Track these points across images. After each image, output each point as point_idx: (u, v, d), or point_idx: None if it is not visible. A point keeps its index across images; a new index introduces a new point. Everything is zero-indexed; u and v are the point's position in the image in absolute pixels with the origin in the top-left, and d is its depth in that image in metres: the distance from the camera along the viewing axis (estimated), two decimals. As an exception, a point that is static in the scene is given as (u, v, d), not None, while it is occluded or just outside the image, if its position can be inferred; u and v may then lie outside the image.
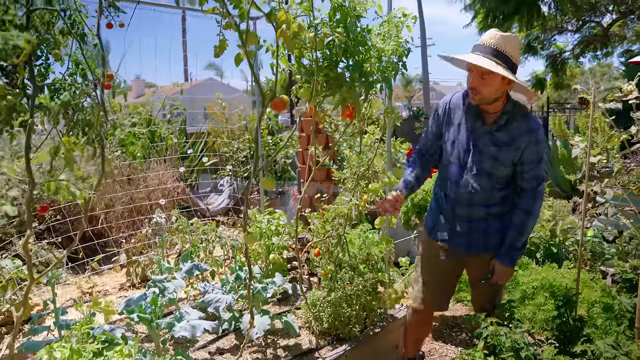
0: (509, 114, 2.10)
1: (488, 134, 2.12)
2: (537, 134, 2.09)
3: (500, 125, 2.10)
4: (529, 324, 3.10)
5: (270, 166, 6.88)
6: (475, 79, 2.04)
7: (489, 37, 2.05)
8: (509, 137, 2.09)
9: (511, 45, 2.03)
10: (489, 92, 2.04)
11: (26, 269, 3.12)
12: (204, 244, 3.76)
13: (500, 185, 2.16)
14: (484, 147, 2.13)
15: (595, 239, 3.85)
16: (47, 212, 3.28)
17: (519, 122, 2.09)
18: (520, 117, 2.10)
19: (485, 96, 2.06)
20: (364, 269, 3.03)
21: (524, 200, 2.15)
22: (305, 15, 1.93)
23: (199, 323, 2.54)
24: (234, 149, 6.73)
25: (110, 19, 2.13)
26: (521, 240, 2.18)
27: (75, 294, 3.94)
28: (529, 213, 2.15)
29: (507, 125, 2.10)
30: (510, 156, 2.10)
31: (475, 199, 2.18)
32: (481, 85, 2.03)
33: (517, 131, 2.08)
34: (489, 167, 2.13)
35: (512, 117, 2.09)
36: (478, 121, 2.15)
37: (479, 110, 2.15)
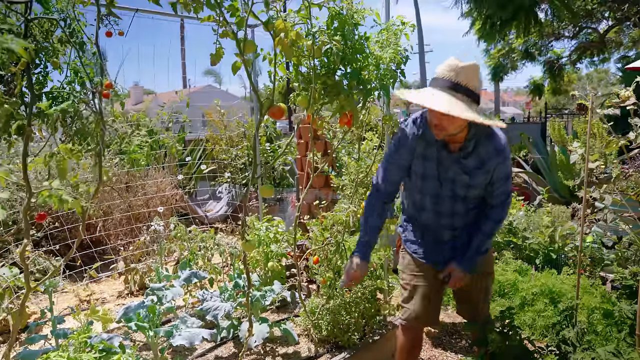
0: (474, 139, 2.02)
1: (456, 163, 2.06)
2: (504, 153, 2.05)
3: (467, 152, 2.04)
4: (529, 330, 3.09)
5: (268, 173, 6.87)
6: (437, 116, 1.91)
7: (446, 69, 1.92)
8: (477, 161, 2.04)
9: (469, 75, 1.90)
10: (453, 127, 1.93)
11: (23, 277, 3.10)
12: (203, 252, 3.75)
13: (473, 205, 2.16)
14: (456, 176, 2.07)
15: (595, 244, 3.84)
16: (45, 219, 3.27)
17: (485, 144, 2.02)
18: (485, 139, 2.03)
19: (450, 131, 1.96)
20: (363, 276, 3.02)
21: (495, 211, 2.15)
22: (303, 23, 1.94)
23: (198, 331, 2.53)
24: (232, 156, 6.73)
25: (110, 27, 2.13)
26: (487, 245, 2.19)
27: (72, 302, 3.92)
28: (499, 221, 2.17)
29: (474, 150, 2.03)
30: (481, 179, 2.07)
31: (449, 224, 2.18)
32: (445, 121, 1.90)
33: (485, 154, 2.02)
34: (462, 192, 2.11)
35: (478, 141, 2.02)
36: (443, 150, 2.06)
37: (443, 141, 2.05)
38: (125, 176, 5.32)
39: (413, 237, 2.31)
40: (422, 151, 2.09)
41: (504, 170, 2.07)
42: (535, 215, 4.50)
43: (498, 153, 2.03)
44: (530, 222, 4.42)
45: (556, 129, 7.22)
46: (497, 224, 2.17)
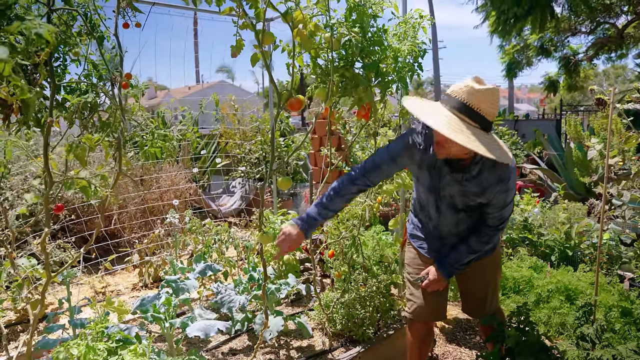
0: (480, 164, 1.93)
1: (457, 183, 2.00)
2: (507, 184, 1.95)
3: (471, 176, 1.95)
4: (544, 327, 3.06)
5: (281, 168, 6.88)
6: (440, 135, 1.78)
7: (462, 88, 1.78)
8: (478, 188, 1.97)
9: (487, 101, 1.77)
10: (456, 150, 1.84)
11: (40, 267, 3.15)
12: (217, 245, 3.77)
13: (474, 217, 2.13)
14: (454, 194, 2.04)
15: (612, 242, 3.79)
16: (62, 211, 3.31)
17: (489, 172, 1.93)
18: (492, 167, 1.92)
19: (453, 154, 1.88)
20: (377, 271, 3.01)
21: (486, 233, 2.10)
22: (322, 15, 1.93)
23: (213, 323, 2.54)
24: (245, 151, 6.75)
25: (127, 19, 2.14)
26: (468, 260, 2.14)
27: (88, 293, 3.97)
28: (487, 243, 2.11)
29: (477, 176, 1.95)
30: (479, 200, 2.03)
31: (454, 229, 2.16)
32: (448, 143, 1.80)
33: (486, 182, 1.94)
34: (461, 205, 2.08)
35: (483, 166, 1.93)
36: (446, 167, 1.99)
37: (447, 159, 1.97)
38: (140, 169, 5.37)
39: (419, 232, 2.32)
40: (427, 162, 2.02)
41: (503, 199, 1.98)
42: (551, 212, 4.45)
43: (500, 181, 1.93)
44: (546, 218, 4.37)
45: (572, 125, 7.12)
46: (485, 245, 2.11)
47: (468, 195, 2.01)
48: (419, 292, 2.28)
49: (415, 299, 2.30)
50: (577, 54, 15.28)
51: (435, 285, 2.15)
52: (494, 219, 2.07)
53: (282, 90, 1.87)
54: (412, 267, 2.33)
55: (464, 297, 2.44)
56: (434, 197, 2.11)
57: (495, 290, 2.36)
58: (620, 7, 12.70)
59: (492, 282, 2.33)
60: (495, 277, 2.35)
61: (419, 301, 2.28)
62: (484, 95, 1.75)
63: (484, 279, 2.29)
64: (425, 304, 2.27)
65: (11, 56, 1.06)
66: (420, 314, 2.29)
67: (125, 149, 5.16)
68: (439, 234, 2.22)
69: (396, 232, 2.93)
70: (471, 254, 2.12)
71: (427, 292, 2.26)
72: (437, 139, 1.83)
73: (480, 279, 2.29)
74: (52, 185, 1.63)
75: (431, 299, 2.26)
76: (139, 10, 2.10)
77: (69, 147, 1.79)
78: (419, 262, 2.31)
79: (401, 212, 2.89)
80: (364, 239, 3.22)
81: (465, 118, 1.75)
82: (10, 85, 1.33)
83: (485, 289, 2.31)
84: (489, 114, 1.78)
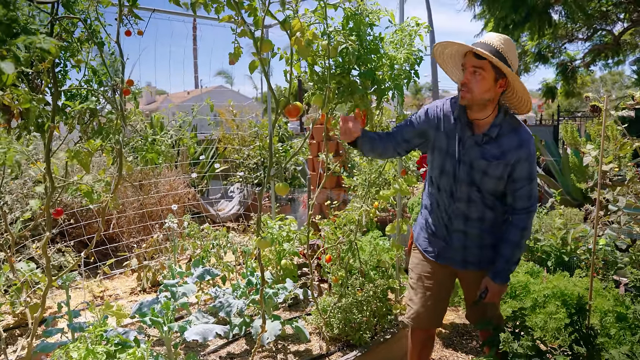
0: (500, 127, 2.01)
1: (477, 146, 2.03)
2: (528, 148, 2.00)
3: (490, 137, 2.01)
4: (540, 332, 3.07)
5: (280, 173, 6.91)
6: (467, 74, 1.96)
7: (490, 38, 1.98)
8: (499, 151, 2.00)
9: (511, 50, 1.98)
10: (480, 90, 1.94)
11: (39, 271, 3.16)
12: (215, 250, 3.79)
13: (490, 200, 2.09)
14: (474, 160, 2.04)
15: (608, 247, 3.82)
16: (61, 215, 3.33)
17: (510, 136, 2.00)
18: (511, 131, 2.01)
19: (475, 95, 1.96)
20: (374, 276, 3.04)
21: (518, 218, 2.07)
22: (319, 23, 1.96)
23: (211, 327, 2.56)
24: (244, 156, 6.78)
25: (129, 26, 2.17)
26: (518, 255, 2.10)
27: (86, 297, 3.98)
28: (524, 229, 2.07)
29: (497, 139, 2.00)
30: (499, 171, 2.01)
31: (467, 211, 2.12)
32: (473, 81, 1.94)
33: (507, 145, 1.99)
34: (478, 180, 2.05)
35: (503, 130, 2.01)
36: (467, 131, 2.05)
37: (468, 119, 2.06)
38: (139, 174, 5.39)
39: (426, 233, 2.29)
40: (447, 127, 2.10)
41: (527, 169, 2.01)
42: (548, 217, 4.48)
43: (521, 145, 1.98)
44: (543, 224, 4.40)
45: (569, 131, 7.17)
46: (523, 231, 2.07)
47: (488, 162, 2.00)
48: (418, 298, 2.30)
49: (414, 304, 2.31)
50: (574, 61, 15.37)
51: (498, 295, 2.12)
52: (522, 199, 2.04)
53: (281, 96, 1.90)
54: (415, 272, 2.33)
55: (467, 304, 2.43)
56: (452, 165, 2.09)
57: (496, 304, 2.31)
58: (617, 14, 12.81)
59: None
60: None
61: (417, 307, 2.29)
62: (508, 44, 1.98)
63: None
64: (425, 310, 2.28)
65: (16, 66, 1.09)
66: (418, 320, 2.30)
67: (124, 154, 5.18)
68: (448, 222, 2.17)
69: (393, 238, 2.96)
70: (516, 247, 2.07)
71: (426, 298, 2.26)
72: (464, 79, 1.98)
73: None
74: (54, 190, 1.65)
75: (430, 305, 2.27)
76: (139, 18, 2.13)
77: (71, 153, 1.82)
78: (422, 267, 2.30)
79: (398, 218, 2.91)
80: (361, 244, 3.24)
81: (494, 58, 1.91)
82: (13, 92, 1.36)
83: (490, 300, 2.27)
84: (513, 63, 1.98)
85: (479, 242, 2.16)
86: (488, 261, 2.17)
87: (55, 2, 1.52)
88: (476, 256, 2.18)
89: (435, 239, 2.24)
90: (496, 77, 1.95)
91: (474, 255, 2.18)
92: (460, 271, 2.26)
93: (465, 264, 2.20)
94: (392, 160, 2.84)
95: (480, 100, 1.97)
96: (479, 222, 2.12)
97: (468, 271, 2.23)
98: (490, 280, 2.11)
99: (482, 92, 1.95)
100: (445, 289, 2.34)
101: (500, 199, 2.11)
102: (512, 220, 2.09)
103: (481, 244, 2.16)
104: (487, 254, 2.17)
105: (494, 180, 2.03)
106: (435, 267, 2.26)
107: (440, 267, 2.26)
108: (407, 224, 2.86)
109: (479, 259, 2.18)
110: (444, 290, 2.33)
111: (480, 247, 2.17)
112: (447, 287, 2.34)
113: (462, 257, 2.19)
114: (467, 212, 2.11)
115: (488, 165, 2.01)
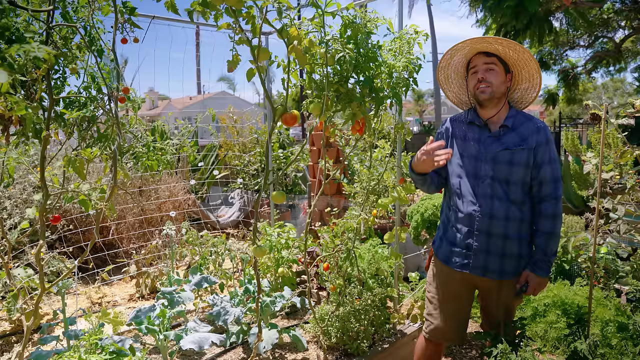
0: (514, 117, 2.12)
1: (497, 140, 2.11)
2: (546, 132, 2.09)
3: (507, 127, 2.11)
4: (541, 342, 3.05)
5: (280, 179, 6.90)
6: (482, 71, 2.09)
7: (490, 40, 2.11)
8: (518, 137, 2.08)
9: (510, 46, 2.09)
10: (498, 82, 2.08)
11: (37, 278, 3.15)
12: (214, 257, 3.77)
13: (516, 195, 2.07)
14: (498, 154, 2.08)
15: (609, 256, 3.79)
16: (59, 222, 3.32)
17: (525, 123, 2.10)
18: (525, 119, 2.12)
19: (495, 87, 2.08)
20: (373, 284, 3.02)
21: (547, 205, 2.07)
22: (317, 31, 1.96)
23: (207, 336, 2.54)
24: (245, 162, 6.78)
25: (126, 34, 2.17)
26: (554, 245, 2.09)
27: (84, 304, 3.96)
28: (555, 216, 2.06)
29: (514, 128, 2.10)
30: (525, 158, 2.05)
31: (492, 210, 2.08)
32: (490, 75, 2.08)
33: (525, 131, 2.08)
34: (504, 173, 2.06)
35: (518, 120, 2.11)
36: (484, 131, 2.15)
37: (481, 122, 2.16)
38: (139, 180, 5.39)
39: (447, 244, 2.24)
40: (463, 133, 2.20)
41: (548, 151, 2.07)
42: (548, 226, 4.45)
43: (538, 130, 2.08)
44: (543, 232, 4.37)
45: (569, 139, 7.16)
46: (554, 219, 2.06)
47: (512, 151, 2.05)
48: (438, 312, 2.28)
49: (433, 319, 2.30)
50: (575, 68, 15.39)
51: (539, 287, 2.12)
52: (547, 183, 2.07)
53: (279, 103, 1.89)
54: (434, 285, 2.32)
55: (484, 313, 2.42)
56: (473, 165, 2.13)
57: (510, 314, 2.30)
58: (618, 22, 12.83)
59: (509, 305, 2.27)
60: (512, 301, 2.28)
61: (437, 322, 2.28)
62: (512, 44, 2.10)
63: (500, 300, 2.24)
64: (445, 325, 2.26)
65: (9, 74, 1.08)
66: (436, 334, 2.29)
67: (123, 160, 5.20)
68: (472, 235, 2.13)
69: (391, 247, 2.94)
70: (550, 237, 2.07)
71: (448, 313, 2.26)
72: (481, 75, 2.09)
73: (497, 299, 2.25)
74: (48, 197, 1.65)
75: (452, 322, 2.26)
76: (137, 26, 2.13)
77: (67, 161, 1.81)
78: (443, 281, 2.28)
79: (397, 226, 2.90)
80: (360, 252, 3.22)
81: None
82: (8, 100, 1.35)
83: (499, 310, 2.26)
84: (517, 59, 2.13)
85: (502, 246, 2.11)
86: (510, 273, 2.14)
87: (52, 10, 1.52)
88: (497, 265, 2.13)
89: (456, 248, 2.21)
90: (505, 71, 2.13)
91: (496, 264, 2.13)
92: (479, 279, 2.20)
93: (485, 271, 2.15)
94: (392, 168, 2.83)
95: (498, 92, 2.10)
96: (505, 221, 2.08)
97: (487, 279, 2.18)
98: (530, 273, 2.11)
99: (499, 84, 2.10)
100: (468, 302, 2.31)
101: (526, 193, 2.11)
102: (541, 209, 2.09)
103: (504, 252, 2.12)
104: (509, 264, 2.13)
105: (521, 169, 2.06)
106: (455, 279, 2.23)
107: (460, 279, 2.22)
108: (405, 232, 2.84)
109: (500, 269, 2.13)
110: (467, 303, 2.31)
111: (502, 255, 2.12)
112: (469, 300, 2.32)
113: (483, 263, 2.13)
114: (492, 210, 2.09)
115: (512, 154, 2.07)
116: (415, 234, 4.12)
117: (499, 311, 2.26)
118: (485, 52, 2.13)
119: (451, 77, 2.32)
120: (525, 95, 2.26)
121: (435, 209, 3.97)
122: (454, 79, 2.32)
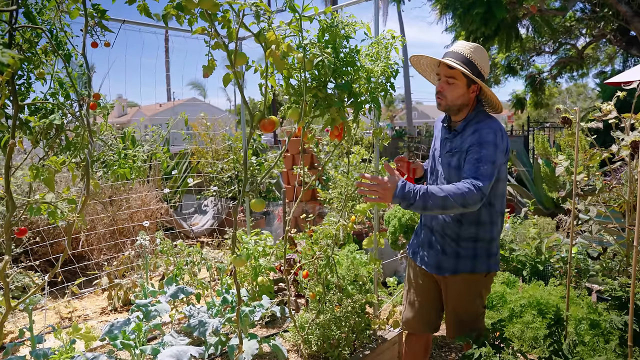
0: (467, 122, 2.12)
1: (449, 142, 2.17)
2: (481, 134, 1.98)
3: (456, 132, 2.14)
4: (518, 342, 3.08)
5: (255, 187, 6.82)
6: (442, 82, 2.11)
7: (461, 46, 2.12)
8: (460, 141, 2.10)
9: (480, 56, 2.10)
10: (454, 97, 2.09)
11: (1, 296, 3.00)
12: (189, 267, 3.68)
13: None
14: (443, 155, 2.19)
15: (580, 255, 3.88)
16: (25, 234, 3.18)
17: (471, 127, 2.08)
18: (475, 123, 2.07)
19: (450, 101, 2.10)
20: (352, 290, 2.99)
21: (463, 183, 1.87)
22: (294, 35, 1.93)
23: (186, 349, 2.46)
24: (218, 170, 6.67)
25: (96, 37, 2.10)
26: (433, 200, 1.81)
27: (53, 319, 3.80)
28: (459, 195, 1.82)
29: (461, 132, 2.12)
30: (456, 160, 2.08)
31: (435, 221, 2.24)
32: (447, 89, 2.09)
33: (467, 135, 2.07)
34: (446, 174, 2.16)
35: (469, 124, 2.10)
36: (446, 133, 2.22)
37: (450, 122, 2.22)
38: (110, 189, 5.23)
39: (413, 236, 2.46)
40: (438, 132, 2.31)
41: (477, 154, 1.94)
42: (522, 227, 4.54)
43: (474, 132, 2.02)
44: (517, 234, 4.45)
45: (540, 142, 7.34)
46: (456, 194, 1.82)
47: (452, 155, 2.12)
48: (407, 302, 2.44)
49: (404, 309, 2.46)
50: (542, 73, 15.89)
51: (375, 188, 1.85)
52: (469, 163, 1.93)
53: (254, 109, 1.86)
54: (405, 278, 2.50)
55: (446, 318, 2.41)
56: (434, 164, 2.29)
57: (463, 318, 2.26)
58: (579, 30, 13.32)
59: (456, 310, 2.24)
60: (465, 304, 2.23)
61: (406, 311, 2.44)
62: (477, 50, 2.11)
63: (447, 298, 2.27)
64: (412, 315, 2.40)
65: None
66: (407, 324, 2.44)
67: (93, 169, 5.04)
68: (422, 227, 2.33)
69: (370, 252, 2.92)
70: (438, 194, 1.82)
71: (412, 302, 2.38)
72: (438, 87, 2.13)
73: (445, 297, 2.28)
74: (15, 210, 1.56)
75: (417, 309, 2.38)
76: (108, 29, 2.06)
77: (34, 171, 1.73)
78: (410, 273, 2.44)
79: (375, 231, 2.88)
80: (338, 259, 3.19)
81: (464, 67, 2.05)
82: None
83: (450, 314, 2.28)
84: (482, 67, 2.11)
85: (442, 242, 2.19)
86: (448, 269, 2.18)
87: (15, 12, 1.45)
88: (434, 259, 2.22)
89: (414, 240, 2.43)
90: (468, 83, 2.09)
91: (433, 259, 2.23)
92: (439, 278, 2.27)
93: (426, 264, 2.27)
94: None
95: (454, 105, 2.12)
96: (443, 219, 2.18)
97: (445, 277, 2.23)
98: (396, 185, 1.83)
99: (454, 98, 2.10)
100: (428, 293, 2.36)
101: None
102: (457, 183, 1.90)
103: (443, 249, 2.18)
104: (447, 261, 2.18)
105: (457, 172, 2.09)
106: (418, 271, 2.37)
107: (419, 271, 2.37)
108: (384, 237, 2.83)
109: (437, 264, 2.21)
110: (427, 294, 2.37)
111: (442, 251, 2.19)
112: (430, 291, 2.36)
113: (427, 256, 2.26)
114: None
115: (451, 156, 2.13)
116: (393, 239, 4.12)
117: (448, 314, 2.31)
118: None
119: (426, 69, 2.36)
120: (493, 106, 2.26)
121: (412, 213, 3.98)
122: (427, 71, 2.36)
